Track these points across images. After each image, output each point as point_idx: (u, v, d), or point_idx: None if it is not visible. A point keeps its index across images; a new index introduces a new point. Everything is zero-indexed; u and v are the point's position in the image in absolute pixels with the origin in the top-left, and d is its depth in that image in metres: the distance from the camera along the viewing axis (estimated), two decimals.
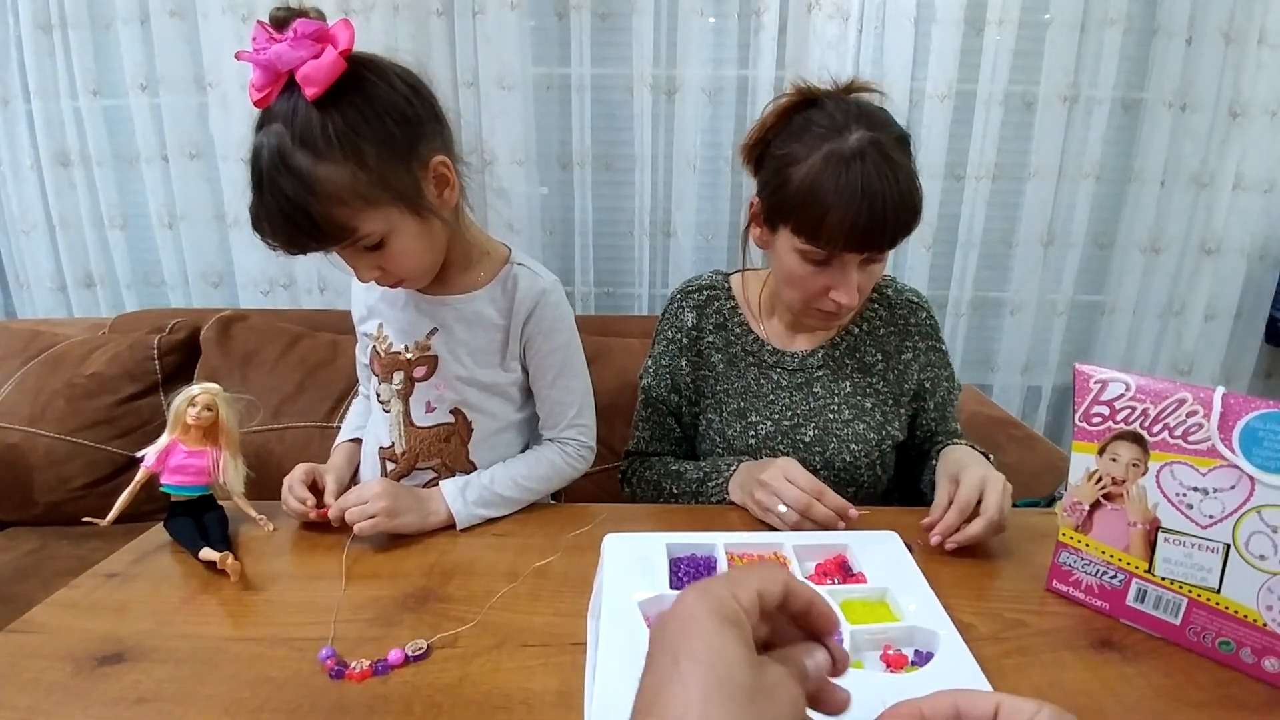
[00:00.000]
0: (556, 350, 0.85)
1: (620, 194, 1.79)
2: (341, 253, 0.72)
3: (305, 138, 0.63)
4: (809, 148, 0.76)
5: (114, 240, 1.82)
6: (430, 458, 0.84)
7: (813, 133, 0.76)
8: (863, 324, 0.94)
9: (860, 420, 0.92)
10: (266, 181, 0.64)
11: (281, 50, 0.60)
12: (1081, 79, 1.70)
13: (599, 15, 1.68)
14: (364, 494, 0.74)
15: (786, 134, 0.79)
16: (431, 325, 0.82)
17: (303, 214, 0.64)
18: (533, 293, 0.83)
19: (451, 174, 0.74)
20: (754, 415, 0.93)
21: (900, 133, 0.78)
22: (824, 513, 0.72)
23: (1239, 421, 0.53)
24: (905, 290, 0.96)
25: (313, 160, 0.63)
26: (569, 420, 0.87)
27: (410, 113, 0.69)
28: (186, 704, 0.51)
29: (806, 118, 0.79)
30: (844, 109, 0.77)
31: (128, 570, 0.69)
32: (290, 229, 0.65)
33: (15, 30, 1.70)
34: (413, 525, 0.75)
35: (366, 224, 0.67)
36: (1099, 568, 0.62)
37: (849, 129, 0.75)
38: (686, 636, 0.26)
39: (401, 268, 0.74)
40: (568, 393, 0.87)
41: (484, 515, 0.79)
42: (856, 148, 0.73)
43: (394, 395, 0.83)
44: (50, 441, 1.34)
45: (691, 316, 0.96)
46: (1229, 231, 1.77)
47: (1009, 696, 0.27)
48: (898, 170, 0.74)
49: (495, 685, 0.53)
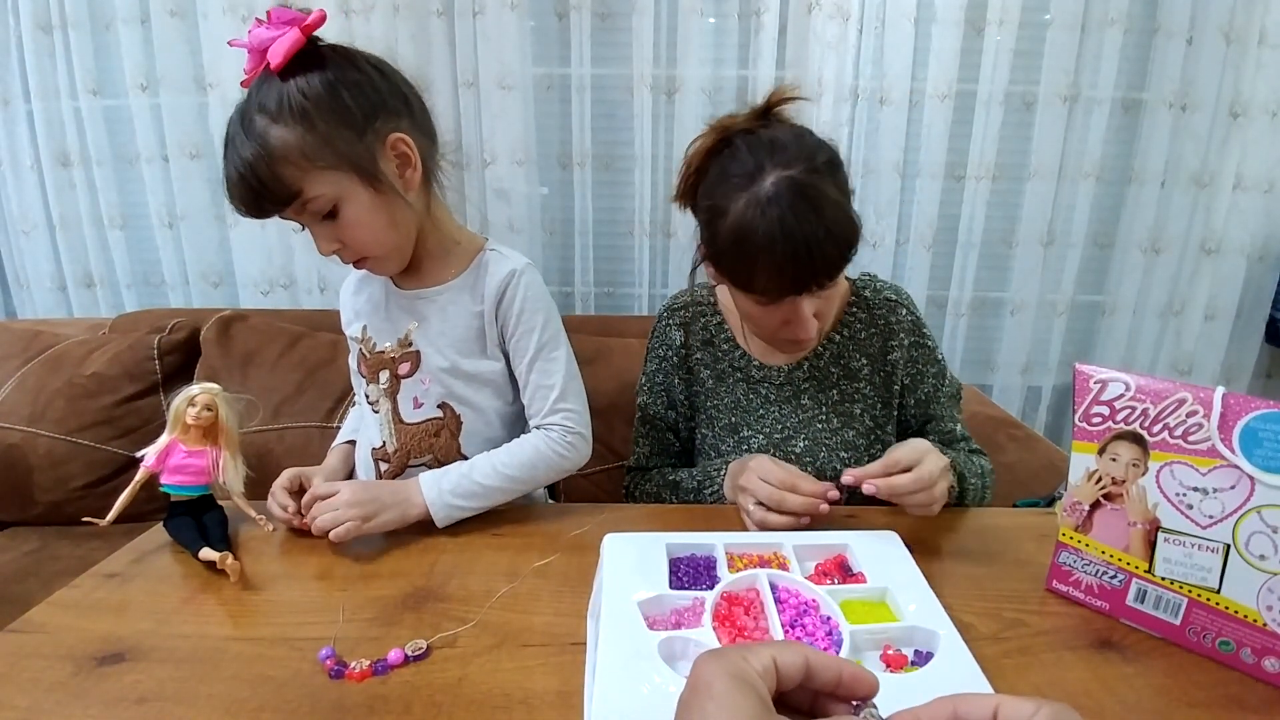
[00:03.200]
0: (531, 330, 0.84)
1: (620, 194, 1.79)
2: (299, 219, 0.74)
3: (263, 103, 0.69)
4: (729, 199, 0.74)
5: (114, 240, 1.82)
6: (422, 454, 0.85)
7: (730, 182, 0.74)
8: (844, 330, 0.94)
9: (849, 428, 0.92)
10: (229, 144, 0.70)
11: (260, 32, 0.68)
12: (1081, 79, 1.70)
13: (599, 15, 1.68)
14: (335, 501, 0.72)
15: (709, 183, 0.78)
16: (411, 321, 0.84)
17: (253, 173, 0.68)
18: (502, 274, 0.83)
19: (413, 153, 0.76)
20: (745, 430, 0.94)
21: (821, 159, 0.74)
22: (798, 501, 0.71)
23: (1239, 421, 0.53)
24: (884, 289, 0.95)
25: (268, 122, 0.68)
26: (551, 404, 0.83)
27: (369, 88, 0.72)
28: (186, 704, 0.51)
29: (723, 165, 0.76)
30: (757, 148, 0.74)
31: (128, 570, 0.69)
32: (244, 188, 0.69)
33: (15, 30, 1.70)
34: (393, 521, 0.74)
35: (313, 186, 0.70)
36: (1099, 568, 0.62)
37: (763, 172, 0.72)
38: (701, 703, 0.27)
39: (358, 241, 0.75)
40: (547, 375, 0.84)
41: (462, 506, 0.76)
42: (772, 193, 0.71)
43: (382, 394, 0.84)
44: (50, 441, 1.34)
45: (679, 335, 0.97)
46: (1229, 231, 1.77)
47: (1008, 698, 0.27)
48: (821, 205, 0.71)
49: (495, 685, 0.53)
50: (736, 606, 0.54)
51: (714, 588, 0.55)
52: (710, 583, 0.58)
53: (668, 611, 0.55)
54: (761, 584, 0.56)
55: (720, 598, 0.54)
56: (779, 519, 0.73)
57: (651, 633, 0.50)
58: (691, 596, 0.55)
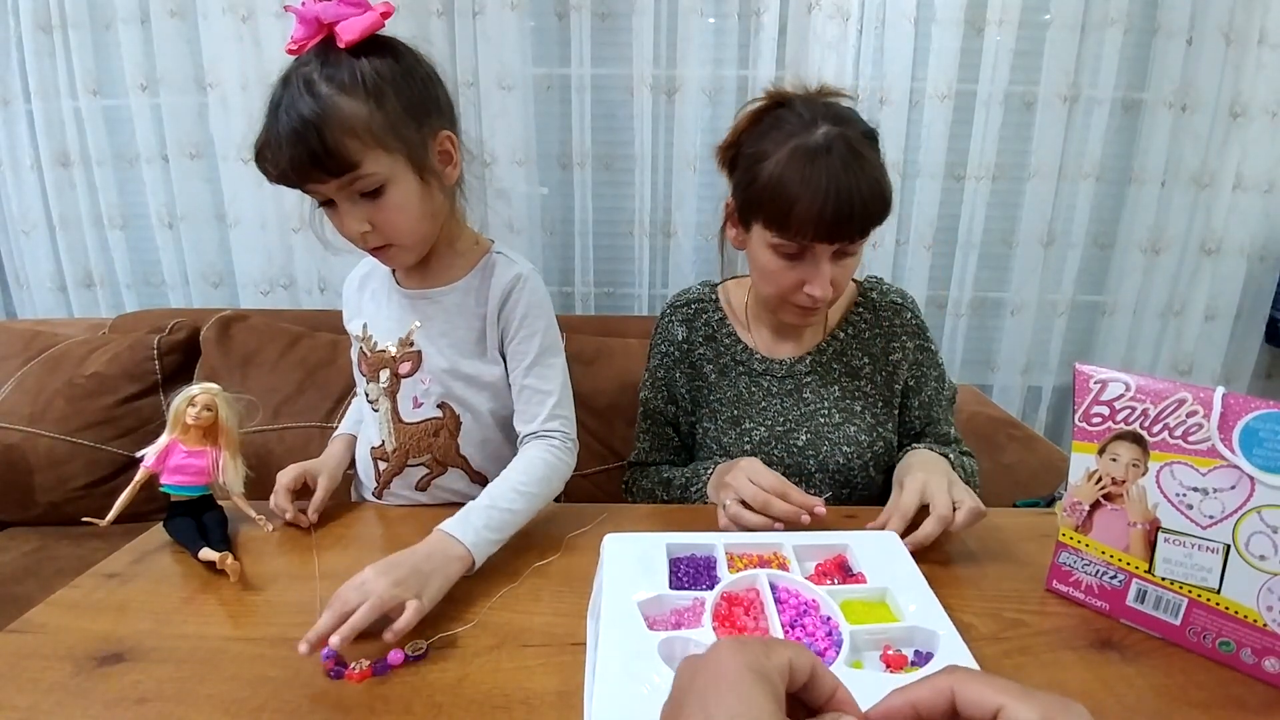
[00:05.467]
0: (533, 335, 0.84)
1: (620, 194, 1.79)
2: (331, 194, 0.72)
3: (333, 74, 0.69)
4: (777, 144, 0.78)
5: (114, 240, 1.82)
6: (421, 453, 0.85)
7: (782, 130, 0.79)
8: (848, 328, 0.95)
9: (850, 423, 0.93)
10: (285, 104, 0.68)
11: (328, 5, 0.69)
12: (1081, 79, 1.70)
13: (599, 15, 1.68)
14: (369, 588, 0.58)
15: (757, 134, 0.82)
16: (414, 320, 0.84)
17: (316, 135, 0.67)
18: (508, 278, 0.83)
19: (455, 152, 0.79)
20: (747, 422, 0.94)
21: (868, 129, 0.81)
22: (785, 508, 0.71)
23: (1239, 422, 0.53)
24: (890, 292, 0.96)
25: (335, 91, 0.68)
26: (549, 410, 0.82)
27: (431, 85, 0.76)
28: (186, 704, 0.51)
29: (776, 116, 0.81)
30: (812, 108, 0.80)
31: (128, 570, 0.69)
32: (301, 149, 0.67)
33: (15, 30, 1.70)
34: (440, 588, 0.62)
35: (371, 163, 0.70)
36: (1099, 568, 0.62)
37: (816, 125, 0.77)
38: (719, 689, 0.26)
39: (393, 225, 0.75)
40: (545, 380, 0.83)
41: (497, 540, 0.69)
42: (823, 142, 0.76)
43: (381, 393, 0.84)
44: (50, 441, 1.34)
45: (681, 330, 0.98)
46: (1229, 232, 1.77)
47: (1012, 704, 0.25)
48: (864, 162, 0.76)
49: (495, 685, 0.53)
50: (736, 607, 0.54)
51: (714, 588, 0.55)
52: (710, 583, 0.58)
53: (668, 612, 0.55)
54: (761, 584, 0.56)
55: (720, 598, 0.54)
56: (754, 518, 0.72)
57: (651, 633, 0.50)
58: (691, 597, 0.55)
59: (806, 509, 0.71)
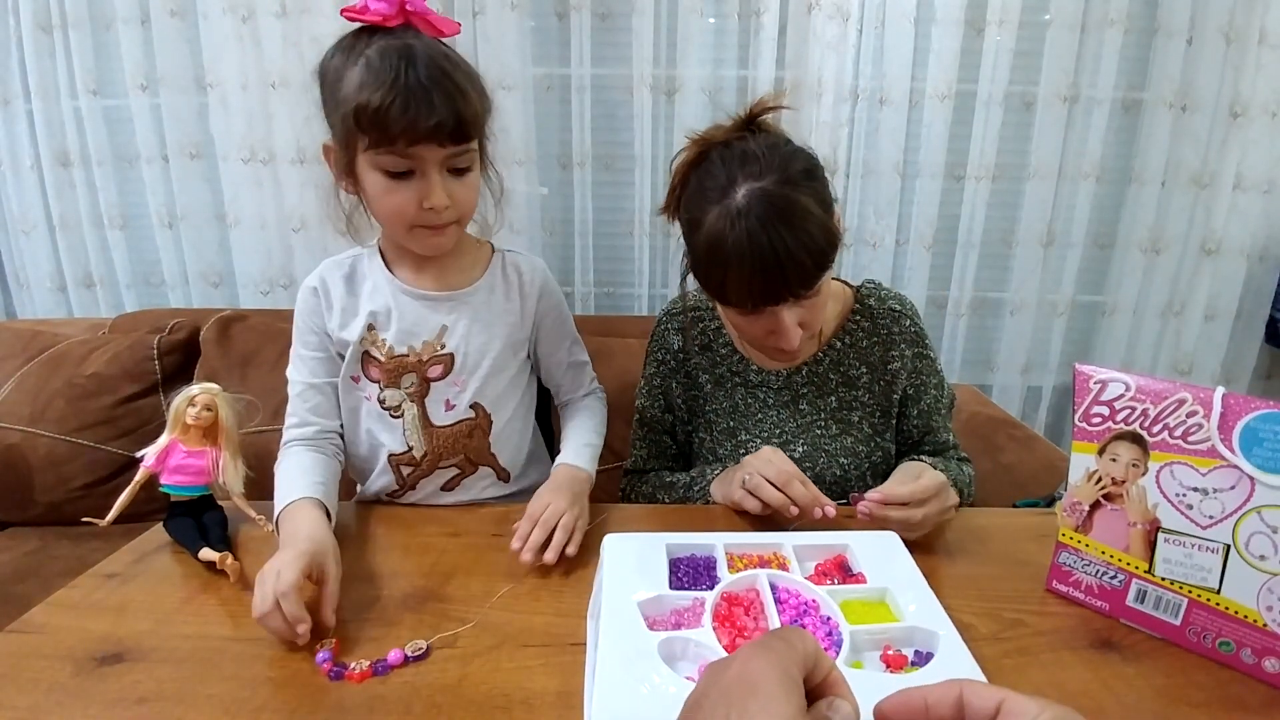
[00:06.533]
0: (565, 319, 0.94)
1: (620, 194, 1.79)
2: (440, 163, 0.73)
3: (450, 55, 0.73)
4: (703, 211, 0.74)
5: (114, 240, 1.82)
6: (454, 455, 0.85)
7: (705, 195, 0.74)
8: (845, 337, 0.93)
9: (848, 434, 0.92)
10: (424, 63, 0.69)
11: None
12: (1081, 79, 1.70)
13: (599, 15, 1.68)
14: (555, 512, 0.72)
15: (687, 195, 0.78)
16: (441, 323, 0.83)
17: (464, 100, 0.71)
18: (538, 273, 0.90)
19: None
20: (743, 434, 0.94)
21: (796, 168, 0.73)
22: (803, 492, 0.72)
23: (1239, 422, 0.53)
24: (888, 299, 0.94)
25: (464, 76, 0.73)
26: (590, 374, 0.97)
27: None
28: (186, 704, 0.51)
29: (699, 178, 0.76)
30: (730, 161, 0.74)
31: (128, 570, 0.69)
32: (448, 109, 0.69)
33: (15, 30, 1.70)
34: (585, 504, 0.78)
35: (475, 142, 0.76)
36: (1099, 568, 0.62)
37: (734, 185, 0.72)
38: (756, 698, 0.26)
39: (468, 203, 0.79)
40: (581, 353, 0.96)
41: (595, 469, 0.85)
42: (743, 205, 0.71)
43: (406, 399, 0.83)
44: (50, 441, 1.34)
45: (677, 339, 0.97)
46: (1229, 232, 1.77)
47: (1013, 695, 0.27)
48: (791, 216, 0.70)
49: (495, 685, 0.53)
50: (736, 607, 0.54)
51: (714, 588, 0.55)
52: (710, 583, 0.58)
53: (668, 612, 0.54)
54: (761, 584, 0.56)
55: (720, 598, 0.54)
56: (774, 492, 0.72)
57: (651, 633, 0.50)
58: (691, 597, 0.55)
59: (820, 504, 0.72)
